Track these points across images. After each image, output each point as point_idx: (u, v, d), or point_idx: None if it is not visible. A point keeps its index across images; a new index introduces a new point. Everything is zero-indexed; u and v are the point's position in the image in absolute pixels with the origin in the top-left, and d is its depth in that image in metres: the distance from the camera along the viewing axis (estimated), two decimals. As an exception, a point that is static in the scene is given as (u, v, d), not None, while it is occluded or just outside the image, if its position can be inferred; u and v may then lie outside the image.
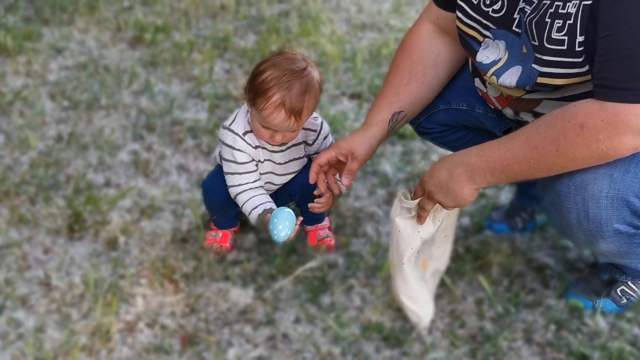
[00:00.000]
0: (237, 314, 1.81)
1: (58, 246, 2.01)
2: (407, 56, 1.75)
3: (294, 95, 1.65)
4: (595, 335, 1.75)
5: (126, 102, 2.70)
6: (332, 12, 3.49)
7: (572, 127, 1.37)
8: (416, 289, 1.69)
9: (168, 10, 3.47)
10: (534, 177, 1.49)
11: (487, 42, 1.58)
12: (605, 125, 1.34)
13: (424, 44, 1.75)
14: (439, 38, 1.75)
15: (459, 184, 1.51)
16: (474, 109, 1.80)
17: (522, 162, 1.44)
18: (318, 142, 1.88)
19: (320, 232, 2.04)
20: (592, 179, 1.43)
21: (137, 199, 2.19)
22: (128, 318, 1.79)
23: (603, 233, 1.48)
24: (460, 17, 1.62)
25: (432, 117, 1.85)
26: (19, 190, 2.20)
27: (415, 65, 1.73)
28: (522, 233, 2.09)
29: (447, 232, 1.74)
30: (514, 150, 1.45)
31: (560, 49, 1.41)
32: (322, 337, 1.75)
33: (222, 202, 1.93)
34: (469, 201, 1.54)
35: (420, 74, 1.73)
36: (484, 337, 1.75)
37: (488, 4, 1.55)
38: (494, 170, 1.48)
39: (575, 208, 1.48)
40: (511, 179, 1.49)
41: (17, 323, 1.76)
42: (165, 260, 1.95)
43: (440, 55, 1.74)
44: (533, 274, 1.94)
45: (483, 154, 1.49)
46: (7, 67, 2.91)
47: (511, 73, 1.53)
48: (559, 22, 1.39)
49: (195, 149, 2.44)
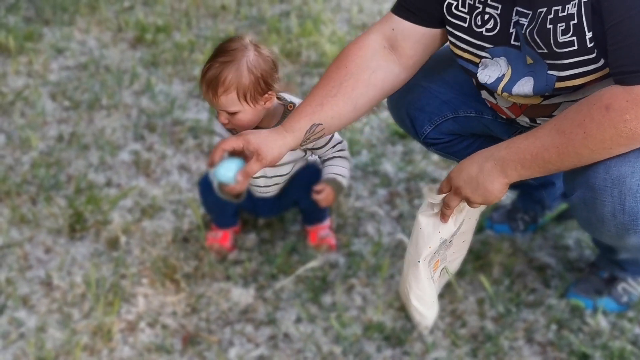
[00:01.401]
0: (239, 314, 1.81)
1: (59, 246, 2.01)
2: (342, 66, 1.64)
3: (212, 68, 1.66)
4: (597, 334, 1.75)
5: (127, 102, 2.70)
6: (333, 13, 3.49)
7: (597, 109, 1.36)
8: (426, 289, 1.68)
9: (169, 11, 3.47)
10: (565, 166, 1.47)
11: (484, 62, 1.56)
12: (631, 105, 1.33)
13: (364, 57, 1.64)
14: (382, 54, 1.64)
15: (490, 178, 1.49)
16: (483, 114, 1.78)
17: (551, 149, 1.43)
18: (327, 148, 1.85)
19: (321, 232, 2.04)
20: (630, 172, 1.43)
21: (138, 198, 2.19)
22: (129, 318, 1.79)
23: (637, 226, 1.47)
24: (454, 42, 1.59)
25: (440, 127, 1.81)
26: (20, 190, 2.21)
27: (348, 78, 1.62)
28: (524, 233, 2.09)
29: (466, 237, 1.73)
30: (543, 138, 1.43)
31: (573, 50, 1.40)
32: (323, 336, 1.76)
33: (215, 198, 1.92)
34: (497, 197, 1.52)
35: (350, 87, 1.62)
36: (485, 336, 1.75)
37: (480, 25, 1.53)
38: (524, 161, 1.46)
39: (612, 201, 1.46)
40: (542, 169, 1.47)
41: (18, 323, 1.76)
42: (167, 260, 1.96)
43: (375, 73, 1.63)
44: (534, 274, 1.95)
45: (512, 146, 1.47)
46: (8, 67, 2.91)
47: (521, 84, 1.51)
48: (562, 25, 1.39)
49: (196, 148, 2.44)
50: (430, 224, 1.59)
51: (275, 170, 1.86)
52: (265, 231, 2.08)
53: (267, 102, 1.71)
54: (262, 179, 1.87)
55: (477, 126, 1.81)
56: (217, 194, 1.84)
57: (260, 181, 1.88)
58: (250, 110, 1.69)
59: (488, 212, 2.15)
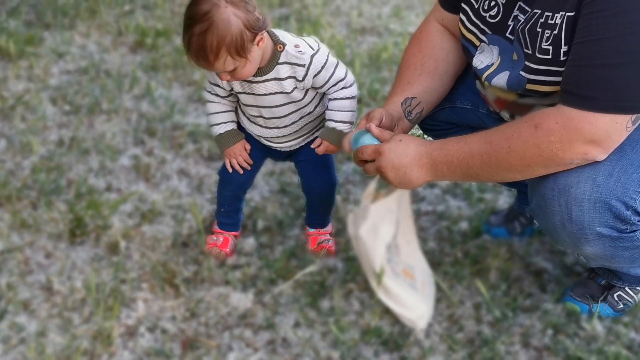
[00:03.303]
0: (237, 318, 1.83)
1: (60, 251, 2.03)
2: (418, 51, 1.78)
3: (194, 40, 1.61)
4: (592, 339, 1.77)
5: (127, 106, 2.71)
6: (332, 16, 3.50)
7: (527, 127, 1.42)
8: (400, 296, 1.69)
9: (169, 15, 3.48)
10: (485, 176, 1.53)
11: (482, 46, 1.62)
12: (559, 127, 1.38)
13: (435, 40, 1.78)
14: (448, 37, 1.79)
15: (418, 173, 1.56)
16: (478, 108, 1.83)
17: (475, 156, 1.48)
18: (308, 78, 1.78)
19: (321, 237, 2.05)
20: (576, 182, 1.46)
21: (138, 203, 2.21)
22: (129, 322, 1.81)
23: (586, 236, 1.50)
24: (463, 20, 1.67)
25: (437, 115, 1.87)
26: (21, 195, 2.22)
27: (427, 59, 1.75)
28: (521, 237, 2.10)
29: (408, 237, 1.78)
30: (472, 145, 1.50)
31: (547, 58, 1.45)
32: (321, 341, 1.77)
33: (233, 191, 1.98)
34: (415, 187, 1.59)
35: (432, 67, 1.75)
36: (481, 341, 1.77)
37: (486, 9, 1.60)
38: (451, 164, 1.52)
39: (559, 210, 1.50)
40: (465, 175, 1.53)
41: (19, 327, 1.78)
42: (166, 264, 1.97)
43: (451, 52, 1.77)
44: (531, 278, 1.96)
45: (444, 147, 1.53)
46: (9, 72, 2.93)
47: (500, 77, 1.57)
48: (548, 32, 1.43)
49: (195, 153, 2.45)
50: (371, 233, 1.62)
51: (271, 111, 1.83)
52: (264, 236, 2.10)
53: (259, 44, 1.68)
54: (261, 119, 1.87)
55: (473, 119, 1.85)
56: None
57: (259, 120, 1.88)
58: (246, 61, 1.67)
59: (485, 216, 2.17)
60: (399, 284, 1.72)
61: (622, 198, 1.46)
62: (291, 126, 1.88)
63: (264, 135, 1.92)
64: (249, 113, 1.89)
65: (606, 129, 1.38)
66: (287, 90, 1.79)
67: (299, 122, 1.88)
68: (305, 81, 1.78)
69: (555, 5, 1.42)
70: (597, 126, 1.37)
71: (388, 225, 1.68)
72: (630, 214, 1.47)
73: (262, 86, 1.79)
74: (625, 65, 1.33)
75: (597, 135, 1.39)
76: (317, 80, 1.78)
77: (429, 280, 1.86)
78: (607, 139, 1.40)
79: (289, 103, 1.82)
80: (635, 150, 1.48)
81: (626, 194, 1.46)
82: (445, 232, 2.13)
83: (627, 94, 1.35)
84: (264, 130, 1.90)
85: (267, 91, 1.79)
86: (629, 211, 1.47)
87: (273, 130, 1.89)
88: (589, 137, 1.38)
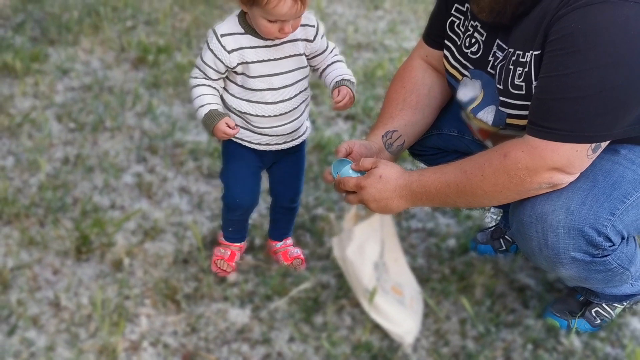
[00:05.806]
0: (235, 333, 1.93)
1: (67, 267, 2.13)
2: (401, 87, 1.89)
3: None
4: (570, 353, 1.87)
5: (130, 124, 2.81)
6: (329, 32, 3.60)
7: (497, 155, 1.55)
8: (389, 312, 1.81)
9: (170, 30, 3.58)
10: (461, 203, 1.65)
11: (465, 80, 1.73)
12: (525, 156, 1.51)
13: (417, 76, 1.89)
14: (430, 73, 1.90)
15: (398, 204, 1.68)
16: (464, 135, 1.94)
17: (452, 185, 1.60)
18: (318, 38, 1.83)
19: (291, 249, 2.16)
20: (551, 210, 1.57)
21: (140, 221, 2.31)
22: (133, 337, 1.91)
23: (561, 260, 1.61)
24: (447, 57, 1.78)
25: (425, 141, 1.98)
26: (29, 213, 2.32)
27: (409, 94, 1.87)
28: (506, 254, 2.20)
29: (396, 255, 1.89)
30: (448, 175, 1.62)
31: (521, 94, 1.57)
32: (314, 355, 1.87)
33: (241, 215, 2.08)
34: (396, 213, 1.72)
35: (414, 101, 1.86)
36: (466, 355, 1.87)
37: (467, 46, 1.71)
38: (429, 194, 1.64)
39: (536, 236, 1.61)
40: (443, 202, 1.66)
41: (29, 342, 1.88)
42: (168, 281, 2.07)
43: (433, 87, 1.88)
44: (514, 295, 2.06)
45: (422, 179, 1.65)
46: (16, 89, 3.03)
47: (487, 112, 1.68)
48: (520, 69, 1.55)
49: (196, 171, 2.55)
50: (357, 253, 1.73)
51: (284, 78, 1.83)
52: (261, 254, 2.20)
53: None
54: (269, 94, 1.83)
55: (459, 144, 1.97)
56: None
57: (267, 95, 1.83)
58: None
59: (473, 234, 2.27)
60: (388, 300, 1.83)
61: (594, 225, 1.56)
62: (295, 99, 1.86)
63: (262, 132, 1.89)
64: (253, 92, 1.83)
65: (567, 156, 1.50)
66: (300, 51, 1.83)
67: (300, 96, 1.87)
68: (315, 41, 1.83)
69: (525, 44, 1.53)
70: (559, 154, 1.49)
71: (374, 245, 1.79)
72: (602, 240, 1.58)
73: (279, 49, 1.80)
74: (582, 99, 1.44)
75: (559, 163, 1.50)
76: (322, 43, 1.85)
77: (417, 297, 1.96)
78: (570, 165, 1.52)
79: (299, 68, 1.84)
80: (607, 180, 1.59)
81: (598, 221, 1.56)
82: (434, 249, 2.23)
83: (584, 125, 1.47)
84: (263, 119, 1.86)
85: (283, 54, 1.81)
86: (601, 237, 1.57)
87: (279, 106, 1.85)
88: (552, 164, 1.50)
